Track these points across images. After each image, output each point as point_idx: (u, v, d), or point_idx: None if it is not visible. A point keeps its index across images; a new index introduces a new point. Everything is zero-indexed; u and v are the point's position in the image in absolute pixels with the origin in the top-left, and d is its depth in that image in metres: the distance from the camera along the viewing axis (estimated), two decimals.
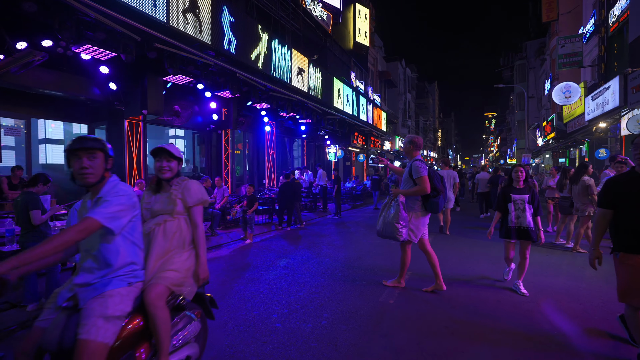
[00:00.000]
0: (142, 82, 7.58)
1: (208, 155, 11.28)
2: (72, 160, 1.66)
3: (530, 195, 3.70)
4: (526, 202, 3.67)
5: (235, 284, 4.17)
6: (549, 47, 22.81)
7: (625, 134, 11.45)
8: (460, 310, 3.29)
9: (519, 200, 3.70)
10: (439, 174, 3.77)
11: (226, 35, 7.92)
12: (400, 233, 3.60)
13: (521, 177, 3.76)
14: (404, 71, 33.12)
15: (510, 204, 3.73)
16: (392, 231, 3.64)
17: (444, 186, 3.71)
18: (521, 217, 3.67)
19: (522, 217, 3.67)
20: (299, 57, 10.93)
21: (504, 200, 3.79)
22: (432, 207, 3.61)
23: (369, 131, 20.03)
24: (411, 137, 3.86)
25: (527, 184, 3.78)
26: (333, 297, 3.62)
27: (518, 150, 32.34)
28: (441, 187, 3.63)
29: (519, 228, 3.67)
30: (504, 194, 3.80)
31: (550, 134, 20.42)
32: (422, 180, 3.50)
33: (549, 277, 4.27)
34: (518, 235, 3.69)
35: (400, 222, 3.60)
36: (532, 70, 30.50)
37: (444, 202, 3.71)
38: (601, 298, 3.58)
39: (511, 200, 3.72)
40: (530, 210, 3.67)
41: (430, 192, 3.52)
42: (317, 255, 5.55)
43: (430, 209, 3.64)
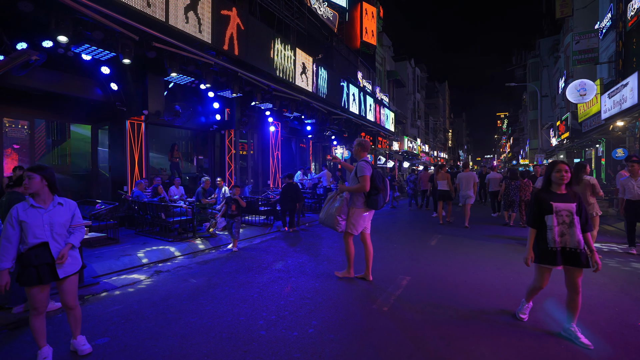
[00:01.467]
0: (143, 82, 7.57)
1: (211, 155, 11.25)
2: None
3: (578, 204, 2.72)
4: (574, 214, 2.69)
5: (227, 287, 4.04)
6: (563, 44, 22.12)
7: None
8: (459, 322, 3.07)
9: (565, 210, 2.69)
10: (381, 174, 4.01)
11: (228, 35, 7.83)
12: (339, 225, 4.04)
13: (565, 177, 2.73)
14: (413, 71, 32.68)
15: (550, 217, 2.71)
16: (332, 222, 4.07)
17: (384, 186, 3.97)
18: (567, 233, 2.67)
19: (568, 234, 2.67)
20: (304, 56, 10.80)
21: (540, 211, 2.77)
22: (371, 204, 3.94)
23: (376, 131, 19.76)
24: (359, 140, 4.21)
25: (571, 188, 2.81)
26: (325, 303, 3.44)
27: (531, 150, 31.52)
28: (382, 186, 3.92)
29: (564, 249, 2.68)
30: (541, 202, 2.77)
31: (564, 133, 19.78)
32: (364, 179, 3.87)
33: (555, 284, 4.01)
34: (564, 259, 2.69)
35: (341, 215, 4.04)
36: (545, 69, 29.69)
37: (383, 200, 3.97)
38: (616, 309, 3.30)
39: (552, 211, 2.70)
40: (579, 225, 2.69)
41: (369, 190, 3.87)
42: (315, 258, 5.38)
43: (371, 205, 3.96)
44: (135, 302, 3.59)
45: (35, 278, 2.37)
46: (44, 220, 2.41)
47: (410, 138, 29.42)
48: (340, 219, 4.01)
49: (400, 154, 27.37)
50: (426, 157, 36.28)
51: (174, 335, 2.82)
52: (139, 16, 5.80)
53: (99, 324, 3.07)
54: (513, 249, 5.85)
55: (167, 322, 3.08)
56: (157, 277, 4.51)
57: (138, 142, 8.23)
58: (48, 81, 7.06)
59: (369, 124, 17.16)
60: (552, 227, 2.69)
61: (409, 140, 28.32)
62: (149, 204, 6.68)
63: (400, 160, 27.99)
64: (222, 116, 10.69)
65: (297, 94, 10.74)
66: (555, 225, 2.69)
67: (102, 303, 3.61)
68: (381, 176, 3.96)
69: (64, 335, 2.86)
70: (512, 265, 4.81)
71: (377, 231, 7.74)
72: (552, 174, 2.79)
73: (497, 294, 3.71)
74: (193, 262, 5.36)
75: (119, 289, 4.06)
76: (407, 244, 6.35)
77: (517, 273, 4.45)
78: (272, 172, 12.86)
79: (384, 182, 3.97)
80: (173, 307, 3.44)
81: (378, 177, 3.91)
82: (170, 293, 3.87)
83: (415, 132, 33.15)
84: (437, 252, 5.67)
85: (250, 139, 13.05)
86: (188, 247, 6.18)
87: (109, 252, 5.51)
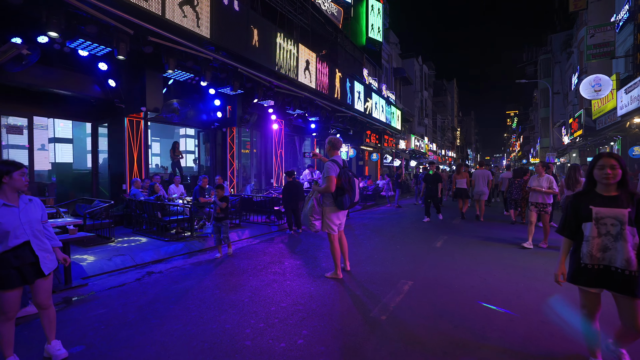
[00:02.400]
0: (141, 78, 7.43)
1: (213, 153, 11.10)
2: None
3: (635, 211, 2.00)
4: (625, 223, 1.99)
5: (218, 290, 3.84)
6: (577, 39, 21.45)
7: None
8: (464, 331, 2.81)
9: (610, 218, 2.02)
10: (349, 174, 3.98)
11: (226, 30, 7.63)
12: (314, 225, 4.08)
13: (611, 176, 2.02)
14: (420, 68, 32.16)
15: (588, 225, 2.08)
16: (308, 222, 4.14)
17: (350, 186, 3.94)
18: (612, 248, 2.01)
19: (614, 249, 2.00)
20: (307, 52, 10.56)
21: (577, 218, 2.15)
22: (338, 204, 3.96)
23: (382, 129, 19.44)
24: (330, 138, 4.22)
25: (625, 189, 2.05)
26: (318, 310, 3.21)
27: (542, 149, 30.76)
28: (347, 187, 3.91)
29: (607, 269, 2.03)
30: (577, 206, 2.15)
31: (577, 131, 19.15)
32: (328, 179, 3.93)
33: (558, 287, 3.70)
34: (606, 282, 2.04)
35: (314, 215, 4.10)
36: (557, 65, 28.91)
37: (349, 200, 3.95)
38: None
39: (592, 217, 2.07)
40: (633, 239, 1.98)
41: (334, 190, 3.91)
42: (314, 260, 5.15)
43: (338, 205, 3.97)
44: (120, 306, 3.41)
45: (18, 279, 2.26)
46: (21, 219, 2.27)
47: (417, 136, 28.96)
48: (313, 219, 4.07)
49: (407, 152, 26.95)
50: (434, 156, 35.72)
51: (153, 343, 2.62)
52: (134, 9, 5.63)
53: (77, 330, 2.89)
54: (523, 251, 5.53)
55: (149, 328, 2.89)
56: (148, 279, 4.34)
57: (137, 140, 8.10)
58: (46, 78, 6.96)
59: (374, 121, 16.85)
60: (590, 238, 2.06)
61: (416, 139, 27.87)
62: (146, 202, 6.53)
63: (407, 158, 27.57)
64: (223, 113, 10.52)
65: (300, 90, 10.51)
66: (596, 236, 2.05)
67: (86, 306, 3.43)
68: (348, 176, 3.96)
69: (38, 341, 2.68)
70: (523, 270, 4.50)
71: (380, 232, 7.47)
72: (594, 170, 2.10)
73: (506, 301, 3.43)
74: (188, 262, 5.18)
75: (107, 290, 3.89)
76: (411, 245, 6.07)
77: (528, 279, 4.15)
78: (275, 171, 12.66)
79: (350, 183, 3.96)
80: (158, 311, 3.24)
81: (344, 177, 3.92)
82: (158, 296, 3.68)
83: (422, 131, 32.64)
84: (443, 254, 5.38)
85: (252, 137, 12.87)
86: (184, 247, 6.00)
87: (102, 251, 5.36)
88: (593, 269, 2.07)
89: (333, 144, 4.21)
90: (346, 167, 4.10)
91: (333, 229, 4.11)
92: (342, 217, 4.20)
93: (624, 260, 1.96)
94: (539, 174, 5.88)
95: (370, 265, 4.81)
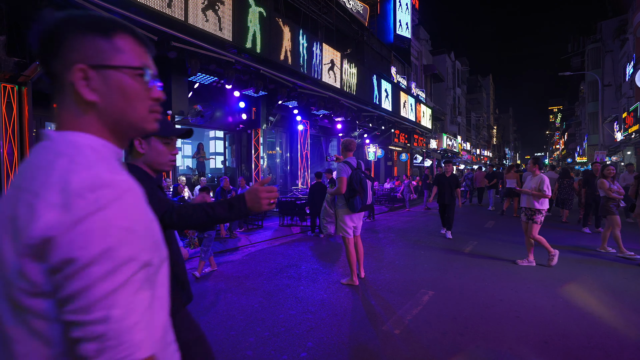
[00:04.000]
0: (167, 83, 7.66)
1: (238, 155, 11.26)
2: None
3: None
4: None
5: (230, 294, 3.78)
6: (632, 24, 19.47)
7: None
8: (487, 352, 2.51)
9: None
10: (361, 176, 3.86)
11: (249, 32, 7.68)
12: (326, 227, 4.19)
13: None
14: (452, 64, 30.87)
15: None
16: (323, 226, 4.28)
17: (362, 188, 3.83)
18: None
19: None
20: (331, 51, 10.41)
21: None
22: (350, 206, 3.85)
23: (411, 129, 18.82)
24: (344, 140, 4.15)
25: None
26: (328, 320, 3.03)
27: (589, 147, 28.32)
28: (359, 188, 3.80)
29: None
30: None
31: (632, 126, 17.38)
32: (339, 180, 3.88)
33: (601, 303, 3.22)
34: None
35: (326, 219, 4.22)
36: (608, 54, 26.47)
37: (361, 202, 3.83)
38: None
39: None
40: None
41: (346, 192, 3.83)
42: (331, 265, 4.98)
43: (350, 207, 3.86)
44: None
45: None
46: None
47: (449, 135, 27.79)
48: (325, 222, 4.12)
49: (438, 152, 25.93)
50: (468, 156, 34.13)
51: None
52: (158, 16, 5.79)
53: None
54: (564, 259, 4.98)
55: None
56: None
57: None
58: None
59: (403, 120, 16.34)
60: None
61: (448, 138, 26.75)
62: None
63: (439, 159, 26.54)
64: (248, 115, 10.63)
65: (324, 90, 10.38)
66: None
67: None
68: (359, 178, 3.85)
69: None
70: (560, 282, 4.04)
71: (405, 236, 7.13)
72: None
73: (541, 320, 3.05)
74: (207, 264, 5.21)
75: None
76: (437, 251, 5.71)
77: (568, 292, 3.70)
78: (300, 172, 12.62)
79: (362, 184, 3.84)
80: None
81: (355, 178, 3.84)
82: None
83: (455, 129, 31.30)
84: (470, 262, 4.99)
85: (278, 138, 12.93)
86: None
87: None
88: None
89: (345, 145, 4.17)
90: (359, 169, 3.97)
91: (347, 232, 3.99)
92: (356, 220, 4.06)
93: None
94: (533, 173, 4.97)
95: (390, 271, 4.55)
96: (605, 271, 4.51)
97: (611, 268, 4.66)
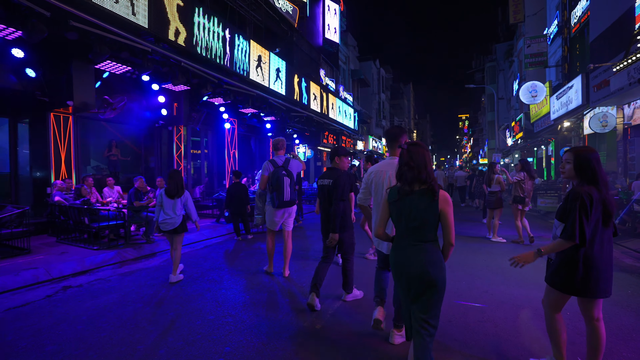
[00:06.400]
0: (66, 69, 6.66)
1: (158, 154, 10.36)
2: None
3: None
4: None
5: (141, 304, 3.44)
6: (517, 49, 23.22)
7: (588, 132, 11.51)
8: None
9: None
10: (281, 174, 4.05)
11: (169, 21, 7.08)
12: (258, 219, 4.59)
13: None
14: (378, 71, 32.98)
15: None
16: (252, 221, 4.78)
17: (278, 185, 4.03)
18: None
19: None
20: (259, 49, 10.22)
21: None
22: (270, 202, 4.15)
23: (339, 130, 19.55)
24: (274, 140, 4.40)
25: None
26: (248, 322, 2.96)
27: (489, 150, 32.96)
28: (275, 186, 4.03)
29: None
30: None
31: (518, 133, 20.71)
32: (261, 177, 4.28)
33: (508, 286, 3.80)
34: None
35: (256, 211, 4.79)
36: (501, 72, 31.16)
37: (277, 199, 4.04)
38: (567, 312, 3.12)
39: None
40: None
41: (264, 189, 4.21)
42: (257, 265, 4.88)
43: (270, 203, 4.16)
44: (12, 331, 2.89)
45: None
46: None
47: (375, 137, 29.62)
48: (256, 214, 4.68)
49: (365, 153, 27.43)
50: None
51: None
52: None
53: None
54: (465, 246, 5.68)
55: (40, 357, 2.45)
56: (62, 295, 3.80)
57: (65, 138, 7.27)
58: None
59: (331, 122, 16.87)
60: None
61: (373, 140, 28.49)
62: (70, 207, 5.83)
63: (366, 159, 28.09)
64: (169, 111, 9.84)
65: (252, 88, 10.14)
66: None
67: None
68: (277, 176, 4.04)
69: None
70: (462, 265, 4.60)
71: None
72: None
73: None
74: (116, 273, 4.67)
75: (2, 313, 3.32)
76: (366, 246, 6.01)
77: (469, 274, 4.22)
78: (228, 172, 12.14)
79: (278, 182, 4.04)
80: (60, 334, 2.80)
81: (273, 177, 4.06)
82: (67, 315, 3.20)
83: (380, 132, 33.48)
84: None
85: (203, 136, 12.24)
86: (116, 255, 5.44)
87: (11, 265, 4.66)
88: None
89: (274, 144, 4.42)
90: (283, 167, 4.11)
91: (272, 225, 4.28)
92: (279, 216, 4.22)
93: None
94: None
95: (314, 269, 4.64)
96: (497, 254, 5.28)
97: (503, 251, 5.47)
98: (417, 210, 1.80)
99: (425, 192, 1.80)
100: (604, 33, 9.63)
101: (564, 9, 14.14)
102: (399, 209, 1.85)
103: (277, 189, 4.03)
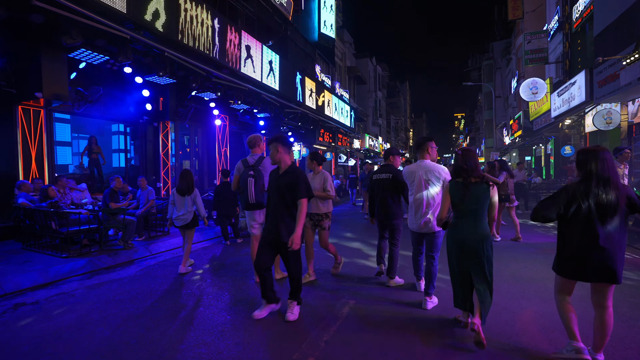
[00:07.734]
0: (35, 57, 6.04)
1: (142, 151, 9.74)
2: None
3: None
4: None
5: (101, 327, 2.89)
6: (515, 46, 22.89)
7: (590, 130, 11.13)
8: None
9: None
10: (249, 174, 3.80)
11: (150, 6, 6.48)
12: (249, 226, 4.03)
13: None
14: (374, 69, 32.52)
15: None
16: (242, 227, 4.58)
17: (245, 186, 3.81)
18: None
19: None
20: (249, 38, 9.64)
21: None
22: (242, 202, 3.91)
23: (335, 128, 19.03)
24: (249, 137, 4.11)
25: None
26: (226, 353, 2.43)
27: (486, 149, 32.68)
28: (242, 186, 3.83)
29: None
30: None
31: (517, 132, 20.38)
32: (233, 178, 4.00)
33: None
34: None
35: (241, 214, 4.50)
36: (498, 71, 30.88)
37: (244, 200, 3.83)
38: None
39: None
40: None
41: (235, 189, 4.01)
42: (243, 275, 4.35)
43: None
44: None
45: None
46: None
47: (371, 136, 29.16)
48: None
49: (362, 151, 26.96)
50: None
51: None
52: None
53: None
54: None
55: None
56: (10, 315, 3.23)
57: (36, 134, 6.66)
58: None
59: (327, 119, 16.35)
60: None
61: (370, 138, 28.02)
62: (36, 210, 5.24)
63: (362, 158, 27.63)
64: (154, 105, 9.23)
65: (244, 82, 9.58)
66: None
67: None
68: (246, 177, 3.82)
69: None
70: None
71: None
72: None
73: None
74: (83, 285, 4.11)
75: None
76: (363, 251, 5.52)
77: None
78: (218, 171, 11.55)
79: (245, 183, 3.81)
80: None
81: (242, 178, 3.86)
82: (4, 345, 2.64)
83: (376, 130, 33.04)
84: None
85: (193, 133, 11.65)
86: (87, 264, 4.86)
87: None
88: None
89: (248, 141, 4.10)
90: (253, 167, 3.80)
91: (252, 226, 3.95)
92: (258, 217, 3.92)
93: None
94: (314, 171, 4.21)
95: (310, 279, 4.12)
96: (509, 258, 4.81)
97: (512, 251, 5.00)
98: (476, 196, 2.49)
99: (480, 183, 2.50)
100: (610, 26, 9.22)
101: (564, 4, 13.76)
102: (461, 196, 2.51)
103: (244, 191, 3.79)
